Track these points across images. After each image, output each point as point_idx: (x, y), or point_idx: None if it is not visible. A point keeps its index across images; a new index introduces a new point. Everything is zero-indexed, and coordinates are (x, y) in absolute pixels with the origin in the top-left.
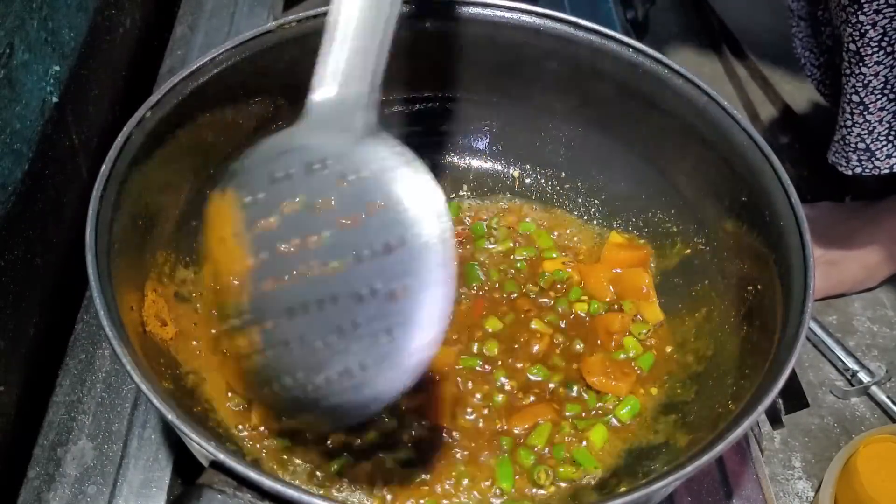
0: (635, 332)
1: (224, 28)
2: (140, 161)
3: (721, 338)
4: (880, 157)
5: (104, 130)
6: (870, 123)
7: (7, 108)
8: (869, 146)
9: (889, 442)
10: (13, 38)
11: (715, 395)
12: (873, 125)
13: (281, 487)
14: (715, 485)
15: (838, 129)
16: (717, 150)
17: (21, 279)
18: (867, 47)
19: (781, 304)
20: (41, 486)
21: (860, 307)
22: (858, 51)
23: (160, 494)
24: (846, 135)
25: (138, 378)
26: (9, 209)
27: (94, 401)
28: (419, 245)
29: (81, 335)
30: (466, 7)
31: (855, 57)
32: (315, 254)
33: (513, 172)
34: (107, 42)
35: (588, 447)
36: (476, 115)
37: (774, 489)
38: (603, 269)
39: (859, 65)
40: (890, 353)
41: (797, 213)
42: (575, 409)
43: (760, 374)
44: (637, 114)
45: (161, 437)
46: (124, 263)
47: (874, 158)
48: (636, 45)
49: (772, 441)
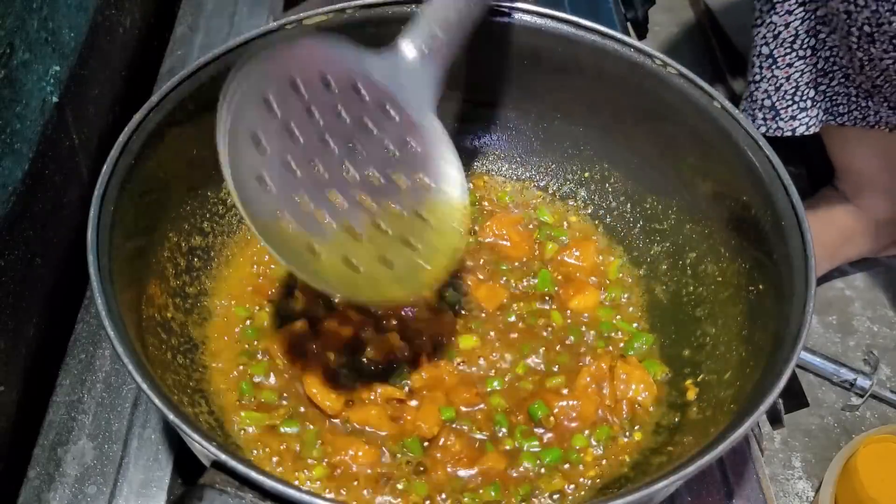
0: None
1: (224, 28)
2: (141, 161)
3: (722, 337)
4: (784, 117)
5: (104, 130)
6: (777, 79)
7: (7, 108)
8: (774, 104)
9: (889, 442)
10: (13, 38)
11: (715, 395)
12: (780, 81)
13: (283, 487)
14: (715, 485)
15: (747, 86)
16: (718, 149)
17: (21, 279)
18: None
19: (783, 303)
20: (41, 486)
21: (860, 307)
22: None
23: (160, 494)
24: (754, 91)
25: (139, 378)
26: (9, 209)
27: (94, 401)
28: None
29: (81, 335)
30: None
31: (766, 5)
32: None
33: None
34: (107, 42)
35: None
36: (475, 117)
37: (774, 489)
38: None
39: (770, 12)
40: (890, 353)
41: (798, 212)
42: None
43: (761, 374)
44: (637, 113)
45: (161, 437)
46: (125, 263)
47: (778, 118)
48: (637, 44)
49: (772, 441)
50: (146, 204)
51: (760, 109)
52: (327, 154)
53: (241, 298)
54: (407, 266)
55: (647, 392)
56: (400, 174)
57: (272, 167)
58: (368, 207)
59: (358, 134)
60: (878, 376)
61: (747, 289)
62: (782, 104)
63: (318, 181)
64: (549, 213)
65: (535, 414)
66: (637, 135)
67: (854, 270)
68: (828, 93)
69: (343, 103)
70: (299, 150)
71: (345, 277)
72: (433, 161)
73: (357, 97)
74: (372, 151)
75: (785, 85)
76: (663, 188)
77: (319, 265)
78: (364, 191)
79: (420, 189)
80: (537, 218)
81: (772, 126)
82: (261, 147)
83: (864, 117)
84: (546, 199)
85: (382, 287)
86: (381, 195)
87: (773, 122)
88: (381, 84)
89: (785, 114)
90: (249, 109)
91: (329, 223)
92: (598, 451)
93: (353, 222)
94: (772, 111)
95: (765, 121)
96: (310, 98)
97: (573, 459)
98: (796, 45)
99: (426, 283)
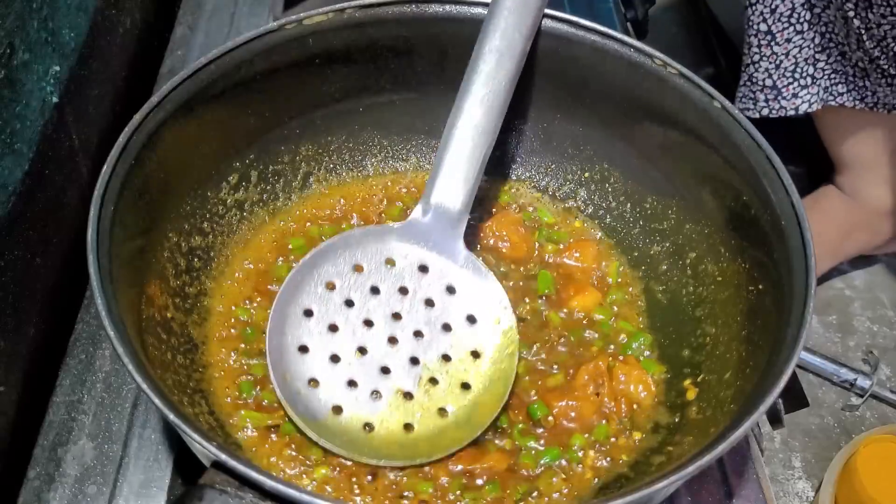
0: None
1: (224, 28)
2: (141, 161)
3: (722, 337)
4: (786, 95)
5: (104, 130)
6: (777, 56)
7: (7, 108)
8: (776, 83)
9: (889, 442)
10: (13, 38)
11: (715, 395)
12: (780, 58)
13: (283, 487)
14: (715, 485)
15: (745, 70)
16: (719, 149)
17: (21, 279)
18: None
19: (783, 303)
20: (41, 486)
21: (860, 307)
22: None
23: (160, 494)
24: (753, 73)
25: (139, 378)
26: (9, 209)
27: (94, 401)
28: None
29: (81, 335)
30: (466, 7)
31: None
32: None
33: (510, 171)
34: (107, 42)
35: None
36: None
37: (774, 489)
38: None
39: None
40: (890, 353)
41: (798, 212)
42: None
43: (761, 374)
44: (637, 113)
45: (161, 437)
46: (125, 263)
47: (780, 97)
48: (637, 44)
49: (772, 441)
50: (146, 204)
51: (762, 90)
52: (371, 334)
53: (241, 298)
54: (464, 408)
55: (645, 392)
56: (448, 319)
57: (322, 368)
58: (423, 364)
59: (399, 300)
60: (878, 376)
61: (747, 289)
62: (783, 82)
63: (366, 362)
64: (548, 214)
65: (534, 413)
66: (637, 135)
67: (854, 270)
68: (826, 70)
69: (375, 280)
70: (345, 342)
71: (401, 442)
72: (476, 294)
73: (390, 268)
74: (417, 310)
75: (785, 62)
76: (663, 188)
77: (375, 440)
78: (416, 350)
79: (471, 326)
80: (537, 218)
81: (774, 106)
82: (308, 354)
83: (863, 98)
84: (546, 200)
85: (442, 440)
86: (433, 348)
87: (776, 102)
88: (411, 248)
89: (787, 92)
90: (292, 321)
91: (384, 397)
92: (598, 450)
93: (406, 384)
94: (773, 90)
95: (767, 102)
96: (343, 286)
97: (572, 459)
98: (793, 20)
99: (485, 422)
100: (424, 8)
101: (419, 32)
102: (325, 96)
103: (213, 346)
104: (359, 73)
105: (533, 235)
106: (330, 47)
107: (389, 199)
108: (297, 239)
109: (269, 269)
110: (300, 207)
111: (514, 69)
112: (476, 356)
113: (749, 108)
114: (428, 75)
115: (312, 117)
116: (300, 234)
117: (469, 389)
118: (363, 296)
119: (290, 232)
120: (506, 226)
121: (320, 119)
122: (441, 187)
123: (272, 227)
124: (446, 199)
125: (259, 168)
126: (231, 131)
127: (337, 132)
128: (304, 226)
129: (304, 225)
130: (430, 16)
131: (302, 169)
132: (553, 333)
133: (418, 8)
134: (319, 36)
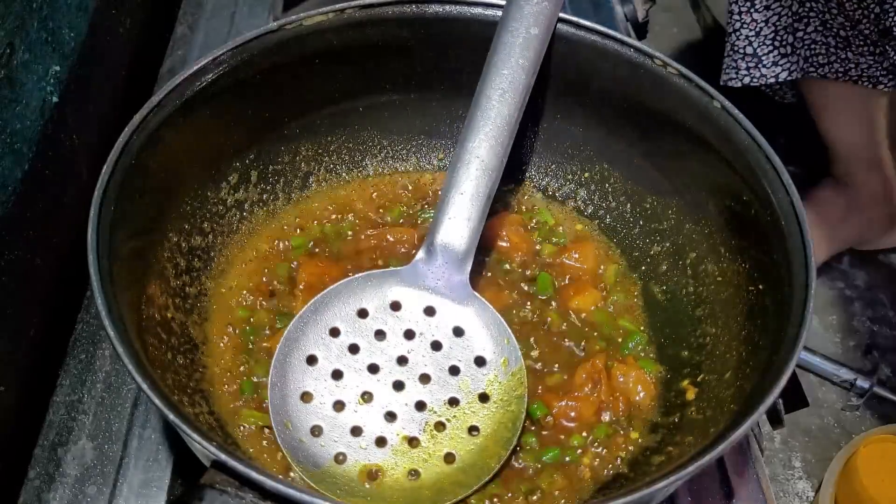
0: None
1: (224, 28)
2: (141, 161)
3: (722, 337)
4: (766, 63)
5: (104, 130)
6: (756, 23)
7: (7, 108)
8: (756, 51)
9: (889, 442)
10: (13, 38)
11: (715, 395)
12: (759, 25)
13: (283, 487)
14: (715, 485)
15: (727, 39)
16: (719, 149)
17: (21, 279)
18: None
19: (783, 303)
20: (41, 486)
21: (860, 307)
22: None
23: (160, 494)
24: (735, 41)
25: (139, 378)
26: (9, 209)
27: (94, 401)
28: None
29: (81, 335)
30: (466, 7)
31: None
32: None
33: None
34: (107, 42)
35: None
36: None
37: (774, 489)
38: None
39: None
40: (890, 353)
41: (798, 212)
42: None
43: (761, 374)
44: (637, 114)
45: (161, 437)
46: (125, 263)
47: (761, 65)
48: (637, 45)
49: (772, 441)
50: (146, 204)
51: (743, 58)
52: (376, 379)
53: (241, 298)
54: (470, 453)
55: (644, 392)
56: (456, 362)
57: (325, 415)
58: (430, 408)
59: (405, 344)
60: (878, 376)
61: (747, 288)
62: (763, 50)
63: (371, 408)
64: (548, 214)
65: (534, 413)
66: (637, 135)
67: (854, 270)
68: (805, 40)
69: (380, 324)
70: (350, 388)
71: (405, 490)
72: (484, 335)
73: (396, 312)
74: (424, 354)
75: (764, 29)
76: (663, 188)
77: (378, 488)
78: (423, 394)
79: (479, 368)
80: (537, 219)
81: (755, 74)
82: (311, 402)
83: (846, 70)
84: (546, 200)
85: (447, 486)
86: (440, 392)
87: (756, 70)
88: (416, 291)
89: (767, 59)
90: (295, 368)
91: (389, 444)
92: (597, 450)
93: (412, 430)
94: (754, 58)
95: (748, 70)
96: (347, 332)
97: (572, 458)
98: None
99: (493, 466)
100: (424, 8)
101: (419, 32)
102: (324, 96)
103: (213, 346)
104: (359, 73)
105: (533, 236)
106: (330, 47)
107: (389, 200)
108: (298, 238)
109: (270, 269)
110: (300, 207)
111: (518, 104)
112: (484, 399)
113: (732, 78)
114: (428, 75)
115: (312, 117)
116: (300, 233)
117: (477, 433)
118: (368, 341)
119: (291, 232)
120: (506, 226)
121: (320, 119)
122: (446, 228)
123: (272, 226)
124: (451, 240)
125: (259, 168)
126: (231, 131)
127: (337, 132)
128: (305, 225)
129: (305, 225)
130: (430, 16)
131: (302, 169)
132: (553, 333)
133: (418, 8)
134: (319, 36)
